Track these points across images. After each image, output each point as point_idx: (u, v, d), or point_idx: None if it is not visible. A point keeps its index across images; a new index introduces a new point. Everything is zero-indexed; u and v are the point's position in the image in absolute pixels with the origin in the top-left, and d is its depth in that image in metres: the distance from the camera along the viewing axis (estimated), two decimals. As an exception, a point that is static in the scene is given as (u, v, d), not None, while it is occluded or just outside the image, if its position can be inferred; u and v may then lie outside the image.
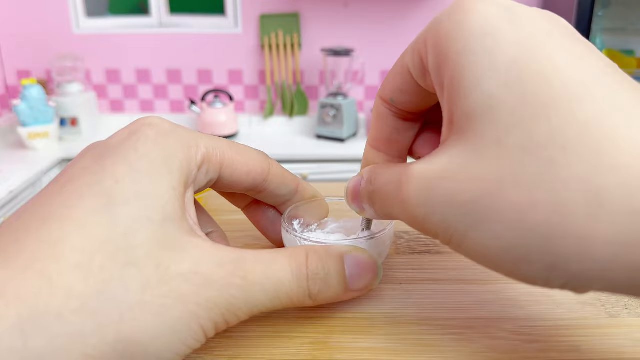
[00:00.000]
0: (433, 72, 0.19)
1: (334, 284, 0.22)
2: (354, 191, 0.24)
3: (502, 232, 0.16)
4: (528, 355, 0.22)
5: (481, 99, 0.17)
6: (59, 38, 1.83)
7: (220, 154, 0.23)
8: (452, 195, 0.17)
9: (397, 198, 0.20)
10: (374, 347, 0.23)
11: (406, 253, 0.31)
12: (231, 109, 1.76)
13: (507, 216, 0.16)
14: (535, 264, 0.16)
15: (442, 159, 0.18)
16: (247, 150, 0.25)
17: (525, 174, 0.15)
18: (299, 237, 0.26)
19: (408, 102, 0.23)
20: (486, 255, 0.17)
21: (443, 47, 0.18)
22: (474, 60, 0.17)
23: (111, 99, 1.92)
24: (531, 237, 0.15)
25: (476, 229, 0.17)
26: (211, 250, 0.20)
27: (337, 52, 1.68)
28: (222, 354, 0.22)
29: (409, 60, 0.21)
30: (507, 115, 0.16)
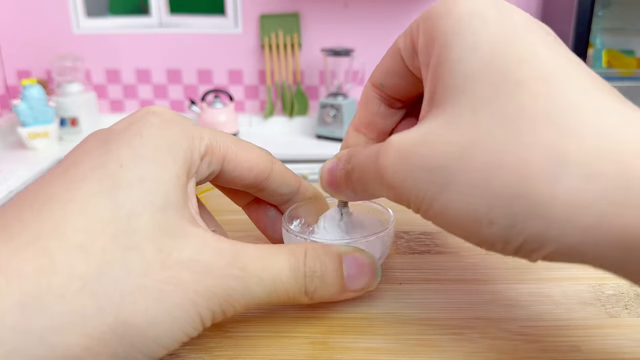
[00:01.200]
0: (421, 52, 0.20)
1: (330, 282, 0.22)
2: (330, 173, 0.24)
3: (468, 194, 0.17)
4: (528, 355, 0.22)
5: (463, 74, 0.18)
6: (59, 38, 1.83)
7: (224, 146, 0.23)
8: (424, 159, 0.18)
9: (375, 170, 0.20)
10: (374, 347, 0.23)
11: (406, 253, 0.31)
12: (231, 109, 1.76)
13: (474, 178, 0.17)
14: (496, 225, 0.17)
15: (419, 130, 0.19)
16: (251, 146, 0.25)
17: (494, 139, 0.17)
18: (299, 236, 0.26)
19: (396, 86, 0.24)
20: (451, 218, 0.18)
21: (433, 27, 0.19)
22: (460, 39, 0.18)
23: (111, 99, 1.92)
24: (495, 197, 0.16)
25: (444, 192, 0.17)
26: (212, 240, 0.20)
27: (337, 52, 1.68)
28: (222, 354, 0.22)
29: (402, 42, 0.22)
30: (485, 89, 0.17)
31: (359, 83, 1.83)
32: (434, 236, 0.33)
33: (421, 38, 0.20)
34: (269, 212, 0.29)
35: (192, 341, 0.23)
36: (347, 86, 1.73)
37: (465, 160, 0.17)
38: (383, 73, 0.24)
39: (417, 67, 0.22)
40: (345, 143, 0.27)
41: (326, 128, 1.70)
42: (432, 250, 0.32)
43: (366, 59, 1.80)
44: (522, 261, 0.30)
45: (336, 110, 1.66)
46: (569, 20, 1.43)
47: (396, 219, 0.28)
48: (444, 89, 0.18)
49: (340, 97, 1.70)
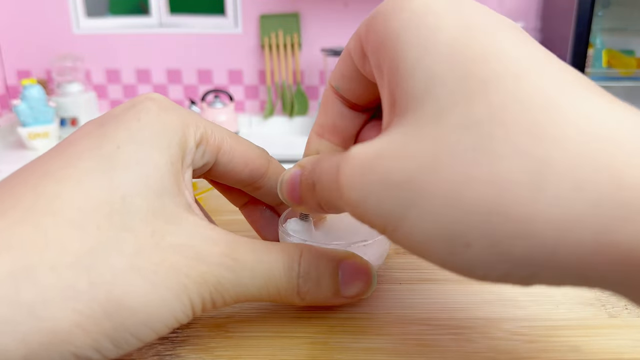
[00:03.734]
0: (372, 54, 0.19)
1: (325, 285, 0.22)
2: (291, 184, 0.22)
3: (438, 212, 0.15)
4: (528, 355, 0.22)
5: (422, 79, 0.16)
6: (59, 38, 1.83)
7: (219, 137, 0.23)
8: (386, 174, 0.16)
9: (335, 183, 0.18)
10: (374, 347, 0.23)
11: (406, 253, 0.31)
12: (231, 109, 1.76)
13: (442, 194, 0.14)
14: (474, 247, 0.14)
15: (380, 141, 0.17)
16: (248, 142, 0.25)
17: (461, 150, 0.14)
18: (296, 237, 0.26)
19: (351, 90, 0.23)
20: (421, 240, 0.16)
21: (384, 26, 0.17)
22: (415, 39, 0.16)
23: (111, 99, 1.92)
24: (469, 214, 0.14)
25: (411, 211, 0.15)
26: (206, 228, 0.20)
27: (337, 52, 1.68)
28: (222, 354, 0.22)
29: (351, 44, 0.21)
30: (447, 94, 0.15)
31: (359, 83, 1.83)
32: (434, 236, 0.33)
33: (371, 38, 0.18)
34: (265, 213, 0.29)
35: (192, 341, 0.23)
36: (347, 86, 1.73)
37: (430, 174, 0.15)
38: (338, 75, 0.23)
39: (369, 71, 0.20)
40: (307, 150, 0.25)
41: (326, 128, 1.70)
42: (432, 250, 0.31)
43: (366, 59, 1.80)
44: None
45: (336, 110, 1.66)
46: (569, 20, 1.43)
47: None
48: (403, 94, 0.16)
49: (340, 97, 1.70)
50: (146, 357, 0.22)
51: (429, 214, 0.15)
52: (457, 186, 0.14)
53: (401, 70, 0.16)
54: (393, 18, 0.17)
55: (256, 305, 0.26)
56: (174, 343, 0.23)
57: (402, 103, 0.17)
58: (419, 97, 0.16)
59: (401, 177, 0.15)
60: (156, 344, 0.23)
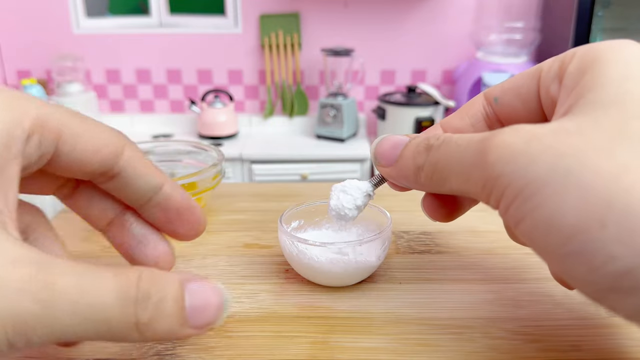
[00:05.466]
0: (570, 75, 0.20)
1: (168, 313, 0.17)
2: (395, 143, 0.23)
3: (593, 187, 0.15)
4: (528, 355, 0.22)
5: (616, 93, 0.17)
6: (59, 38, 1.83)
7: (59, 123, 0.19)
8: (556, 145, 0.16)
9: (473, 150, 0.19)
10: (374, 347, 0.23)
11: (406, 253, 0.31)
12: (231, 109, 1.76)
13: (602, 175, 0.15)
14: (609, 228, 0.15)
15: (552, 125, 0.18)
16: (97, 124, 0.20)
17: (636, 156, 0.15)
18: (294, 237, 0.26)
19: (510, 107, 0.23)
20: (555, 215, 0.16)
21: (594, 55, 0.19)
22: (625, 69, 0.18)
23: (111, 99, 1.92)
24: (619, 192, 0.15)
25: (569, 179, 0.16)
26: (7, 245, 0.16)
27: (337, 52, 1.68)
28: (222, 354, 0.22)
29: (547, 64, 0.21)
30: (637, 108, 0.17)
31: (359, 83, 1.83)
32: (434, 236, 0.33)
33: (575, 62, 0.20)
34: (134, 228, 0.23)
35: (192, 341, 0.23)
36: (347, 86, 1.73)
37: (596, 161, 0.16)
38: (505, 89, 0.23)
39: (549, 92, 0.21)
40: (434, 128, 0.25)
41: (326, 128, 1.70)
42: (432, 250, 0.32)
43: (366, 59, 1.79)
44: (522, 260, 0.31)
45: (336, 110, 1.66)
46: (569, 20, 1.43)
47: (396, 219, 0.28)
48: (589, 102, 0.18)
49: (340, 97, 1.70)
50: (146, 357, 0.22)
51: (583, 189, 0.15)
52: (613, 175, 0.15)
53: (596, 84, 0.18)
54: (607, 51, 0.19)
55: (256, 305, 0.26)
56: (174, 343, 0.23)
57: (583, 107, 0.18)
58: (605, 103, 0.17)
59: (570, 149, 0.16)
60: (156, 343, 0.23)
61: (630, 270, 0.14)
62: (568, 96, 0.19)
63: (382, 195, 0.41)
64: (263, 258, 0.31)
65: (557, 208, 0.16)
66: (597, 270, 0.15)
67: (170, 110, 1.93)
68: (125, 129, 1.88)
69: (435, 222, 0.36)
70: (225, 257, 0.31)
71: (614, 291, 0.15)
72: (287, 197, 0.41)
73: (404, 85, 1.81)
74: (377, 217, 0.30)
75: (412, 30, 1.79)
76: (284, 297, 0.27)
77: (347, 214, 0.25)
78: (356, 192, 0.25)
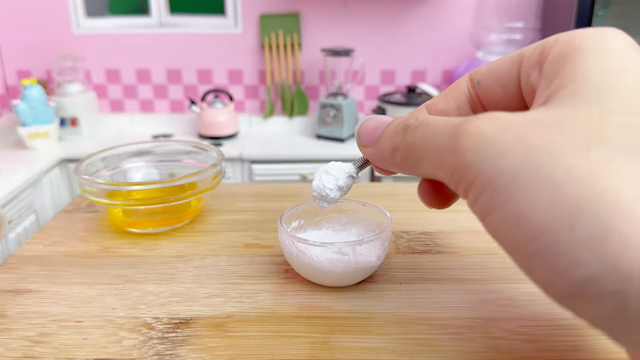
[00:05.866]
0: (550, 63, 0.19)
1: None
2: (377, 123, 0.22)
3: (562, 181, 0.15)
4: (528, 355, 0.22)
5: (598, 85, 0.16)
6: (59, 38, 1.83)
7: None
8: (530, 137, 0.16)
9: (448, 134, 0.18)
10: (374, 347, 0.23)
11: (406, 253, 0.31)
12: (231, 109, 1.76)
13: (575, 175, 0.15)
14: (578, 229, 0.14)
15: (529, 114, 0.17)
16: None
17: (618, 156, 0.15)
18: (294, 236, 0.26)
19: (491, 91, 0.22)
20: (523, 210, 0.15)
21: (576, 44, 0.18)
22: (608, 61, 0.17)
23: (111, 99, 1.92)
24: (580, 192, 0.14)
25: (539, 173, 0.15)
26: None
27: (337, 52, 1.68)
28: (222, 354, 0.22)
29: (529, 50, 0.21)
30: (618, 104, 0.16)
31: (359, 83, 1.82)
32: (434, 236, 0.33)
33: (556, 50, 0.19)
34: None
35: (192, 341, 0.23)
36: (347, 86, 1.73)
37: (574, 158, 0.15)
38: (488, 72, 0.22)
39: (529, 79, 0.20)
40: (419, 110, 0.25)
41: (326, 128, 1.70)
42: (432, 250, 0.32)
43: (366, 59, 1.79)
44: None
45: (336, 110, 1.66)
46: (569, 20, 1.43)
47: (396, 219, 0.28)
48: (570, 92, 0.17)
49: (340, 97, 1.70)
50: (146, 357, 0.22)
51: (549, 184, 0.15)
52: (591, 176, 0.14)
53: (577, 75, 0.17)
54: (589, 38, 0.18)
55: (256, 305, 0.26)
56: (174, 343, 0.23)
57: (563, 96, 0.17)
58: (587, 95, 0.16)
59: (544, 143, 0.15)
60: (156, 343, 0.23)
61: (595, 277, 0.14)
62: (548, 85, 0.18)
63: (382, 195, 0.41)
64: (263, 258, 0.31)
65: (526, 205, 0.15)
66: (561, 274, 0.15)
67: (170, 110, 1.93)
68: (125, 129, 1.89)
69: (435, 222, 0.36)
70: (225, 257, 0.31)
71: (576, 297, 0.15)
72: (287, 197, 0.41)
73: (404, 85, 1.81)
74: (377, 217, 0.30)
75: (412, 30, 1.79)
76: (284, 297, 0.27)
77: (328, 194, 0.25)
78: (338, 172, 0.25)
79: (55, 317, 0.25)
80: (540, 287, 0.16)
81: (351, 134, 1.73)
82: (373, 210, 0.30)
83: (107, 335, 0.23)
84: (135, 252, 0.32)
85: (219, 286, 0.28)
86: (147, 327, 0.24)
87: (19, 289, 0.28)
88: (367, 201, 0.30)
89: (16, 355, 0.22)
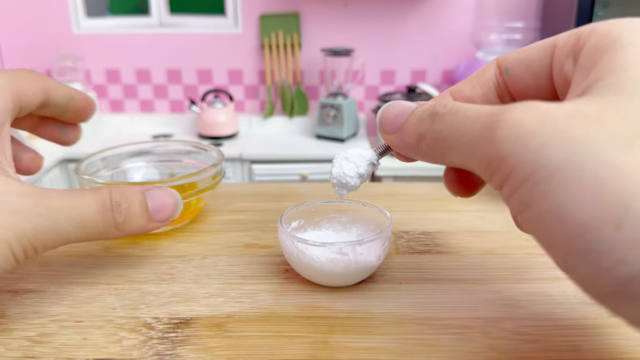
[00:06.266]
0: (587, 53, 0.18)
1: (137, 213, 0.25)
2: (401, 110, 0.22)
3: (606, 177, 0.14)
4: (528, 355, 0.22)
5: (638, 78, 0.16)
6: (59, 38, 1.83)
7: (21, 89, 0.28)
8: (571, 129, 0.15)
9: (482, 123, 0.18)
10: (374, 347, 0.23)
11: (406, 253, 0.31)
12: (231, 109, 1.76)
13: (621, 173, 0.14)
14: (625, 226, 0.14)
15: (568, 106, 0.16)
16: (25, 79, 0.29)
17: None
18: (294, 236, 0.26)
19: (520, 80, 0.22)
20: (566, 208, 0.15)
21: (615, 35, 0.18)
22: None
23: (111, 99, 1.92)
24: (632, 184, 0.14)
25: (584, 168, 0.15)
26: (14, 184, 0.23)
27: (337, 52, 1.68)
28: (222, 354, 0.22)
29: (563, 39, 0.20)
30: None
31: (359, 83, 1.83)
32: (434, 236, 0.33)
33: (593, 41, 0.18)
34: (54, 125, 0.33)
35: (192, 341, 0.23)
36: (347, 86, 1.73)
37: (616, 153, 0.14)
38: (517, 60, 0.22)
39: (563, 69, 0.20)
40: (444, 96, 0.24)
41: (326, 128, 1.70)
42: (432, 250, 0.31)
43: (366, 59, 1.79)
44: (522, 260, 0.31)
45: (336, 110, 1.66)
46: (569, 20, 1.43)
47: (396, 219, 0.28)
48: (609, 84, 0.16)
49: (340, 97, 1.70)
50: (146, 357, 0.22)
51: (598, 184, 0.14)
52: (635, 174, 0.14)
53: (617, 67, 0.17)
54: (628, 31, 0.18)
55: (256, 305, 0.26)
56: (174, 343, 0.23)
57: (602, 89, 0.16)
58: (626, 88, 0.16)
59: (586, 137, 0.15)
60: (156, 343, 0.23)
61: (639, 276, 0.14)
62: (585, 76, 0.18)
63: (382, 195, 0.41)
64: (263, 258, 0.31)
65: (569, 200, 0.15)
66: (605, 272, 0.14)
67: (170, 110, 1.93)
68: (125, 129, 1.89)
69: (435, 222, 0.36)
70: (225, 257, 0.31)
71: (618, 295, 0.15)
72: (287, 197, 0.41)
73: (404, 85, 1.81)
74: (377, 217, 0.30)
75: (412, 30, 1.79)
76: (284, 297, 0.27)
77: (348, 182, 0.25)
78: (359, 159, 0.25)
79: (55, 317, 0.25)
80: (578, 284, 0.16)
81: (351, 134, 1.73)
82: (373, 210, 0.30)
83: (107, 335, 0.23)
84: (135, 252, 0.32)
85: (219, 286, 0.28)
86: (147, 327, 0.24)
87: (19, 289, 0.28)
88: (367, 201, 0.30)
89: (16, 355, 0.22)
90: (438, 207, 0.39)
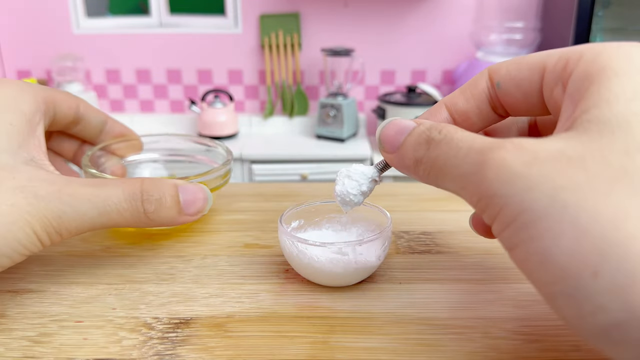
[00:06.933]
0: (574, 83, 0.18)
1: (169, 205, 0.26)
2: (399, 128, 0.22)
3: (587, 228, 0.14)
4: (528, 355, 0.22)
5: (623, 113, 0.16)
6: (59, 38, 1.83)
7: (53, 98, 0.29)
8: (558, 175, 0.15)
9: (472, 160, 0.18)
10: (374, 347, 0.23)
11: (406, 253, 0.31)
12: (231, 109, 1.76)
13: (600, 220, 0.14)
14: (602, 276, 0.14)
15: (554, 146, 0.16)
16: (63, 92, 0.31)
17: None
18: (294, 236, 0.26)
19: (510, 95, 0.22)
20: (548, 250, 0.15)
21: (602, 63, 0.18)
22: (634, 85, 0.17)
23: (111, 99, 1.92)
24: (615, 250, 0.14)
25: (564, 214, 0.15)
26: (43, 173, 0.24)
27: (337, 52, 1.68)
28: (222, 354, 0.22)
29: (552, 62, 0.20)
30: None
31: (359, 83, 1.83)
32: (434, 236, 0.33)
33: (581, 68, 0.18)
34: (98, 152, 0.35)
35: (192, 341, 0.23)
36: (347, 86, 1.73)
37: (599, 198, 0.15)
38: (508, 77, 0.22)
39: (553, 94, 0.20)
40: (428, 114, 0.24)
41: (326, 128, 1.70)
42: (432, 250, 0.31)
43: (366, 59, 1.80)
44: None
45: (336, 110, 1.66)
46: (569, 20, 1.43)
47: (396, 219, 0.28)
48: (593, 119, 0.16)
49: (340, 97, 1.70)
50: (146, 357, 0.22)
51: (578, 231, 0.15)
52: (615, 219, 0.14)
53: (602, 99, 0.17)
54: (615, 59, 0.18)
55: (256, 305, 0.26)
56: (174, 343, 0.23)
57: (587, 124, 0.17)
58: (610, 125, 0.16)
59: (569, 182, 0.15)
60: (156, 343, 0.23)
61: (620, 323, 0.14)
62: (573, 108, 0.18)
63: (382, 195, 0.41)
64: (263, 258, 0.31)
65: (552, 244, 0.15)
66: (586, 317, 0.15)
67: (170, 110, 1.93)
68: (125, 129, 1.89)
69: (435, 222, 0.36)
70: (225, 257, 0.31)
71: (602, 340, 0.15)
72: (287, 197, 0.41)
73: (404, 85, 1.81)
74: (377, 217, 0.30)
75: (412, 30, 1.79)
76: (284, 297, 0.27)
77: (352, 199, 0.26)
78: (361, 177, 0.26)
79: (55, 317, 0.25)
80: (566, 324, 0.16)
81: (351, 134, 1.73)
82: (373, 210, 0.30)
83: (107, 335, 0.23)
84: (135, 252, 0.32)
85: (219, 286, 0.28)
86: (147, 327, 0.24)
87: (19, 289, 0.28)
88: (367, 201, 0.30)
89: (16, 355, 0.22)
90: (438, 207, 0.39)
